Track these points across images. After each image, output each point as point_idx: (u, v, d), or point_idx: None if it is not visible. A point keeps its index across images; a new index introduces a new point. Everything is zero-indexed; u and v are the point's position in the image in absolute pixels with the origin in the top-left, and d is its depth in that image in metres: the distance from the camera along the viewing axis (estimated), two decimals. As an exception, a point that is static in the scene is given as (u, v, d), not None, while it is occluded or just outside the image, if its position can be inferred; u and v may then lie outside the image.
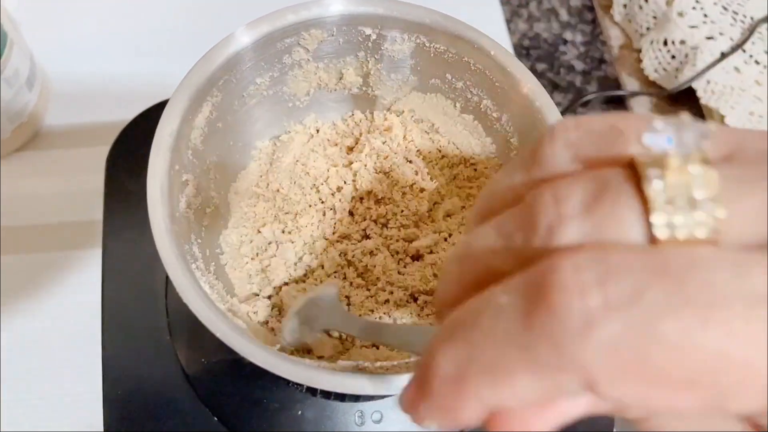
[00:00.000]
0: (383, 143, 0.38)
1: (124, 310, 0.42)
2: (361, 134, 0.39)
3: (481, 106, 0.36)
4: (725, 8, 0.61)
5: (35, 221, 0.52)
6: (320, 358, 0.33)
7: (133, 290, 0.42)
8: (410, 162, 0.38)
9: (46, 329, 0.48)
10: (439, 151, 0.39)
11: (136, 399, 0.39)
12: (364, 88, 0.38)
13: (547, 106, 0.32)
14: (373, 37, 0.34)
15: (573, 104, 0.63)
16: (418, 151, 0.39)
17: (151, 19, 0.62)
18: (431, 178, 0.38)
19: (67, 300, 0.49)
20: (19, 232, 0.51)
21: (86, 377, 0.46)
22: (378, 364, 0.28)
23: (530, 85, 0.32)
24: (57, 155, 0.54)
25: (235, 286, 0.35)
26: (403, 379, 0.26)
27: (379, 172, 0.37)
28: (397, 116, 0.39)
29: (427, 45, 0.34)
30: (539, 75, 0.64)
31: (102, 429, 0.39)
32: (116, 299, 0.42)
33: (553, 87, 0.64)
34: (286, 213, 0.37)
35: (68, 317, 0.49)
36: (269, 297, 0.36)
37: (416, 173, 0.37)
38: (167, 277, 0.42)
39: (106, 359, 0.40)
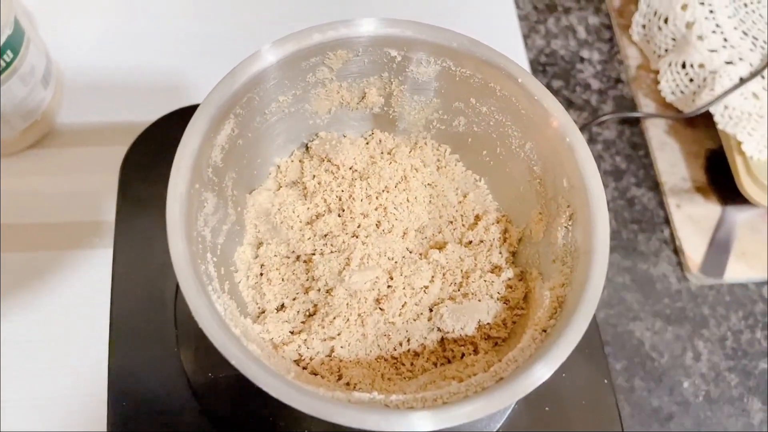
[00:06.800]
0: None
1: (132, 318, 0.41)
2: (372, 157, 0.39)
3: (506, 131, 0.35)
4: (745, 33, 0.61)
5: (44, 219, 0.51)
6: None
7: (143, 298, 0.42)
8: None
9: (51, 328, 0.48)
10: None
11: (141, 410, 0.39)
12: (385, 108, 0.37)
13: (578, 142, 0.32)
14: (399, 58, 0.34)
15: (588, 124, 0.62)
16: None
17: (171, 16, 0.61)
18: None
19: (73, 299, 0.49)
20: (28, 230, 0.51)
21: (89, 379, 0.46)
22: (393, 397, 0.28)
23: (561, 120, 0.32)
24: (69, 154, 0.53)
25: (248, 304, 0.35)
26: (418, 415, 0.26)
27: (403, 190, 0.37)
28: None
29: (453, 69, 0.34)
30: (555, 92, 0.64)
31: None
32: (125, 307, 0.41)
33: (568, 105, 0.64)
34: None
35: (74, 316, 0.48)
36: (276, 309, 0.35)
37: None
38: (177, 287, 0.42)
39: (112, 368, 0.40)
